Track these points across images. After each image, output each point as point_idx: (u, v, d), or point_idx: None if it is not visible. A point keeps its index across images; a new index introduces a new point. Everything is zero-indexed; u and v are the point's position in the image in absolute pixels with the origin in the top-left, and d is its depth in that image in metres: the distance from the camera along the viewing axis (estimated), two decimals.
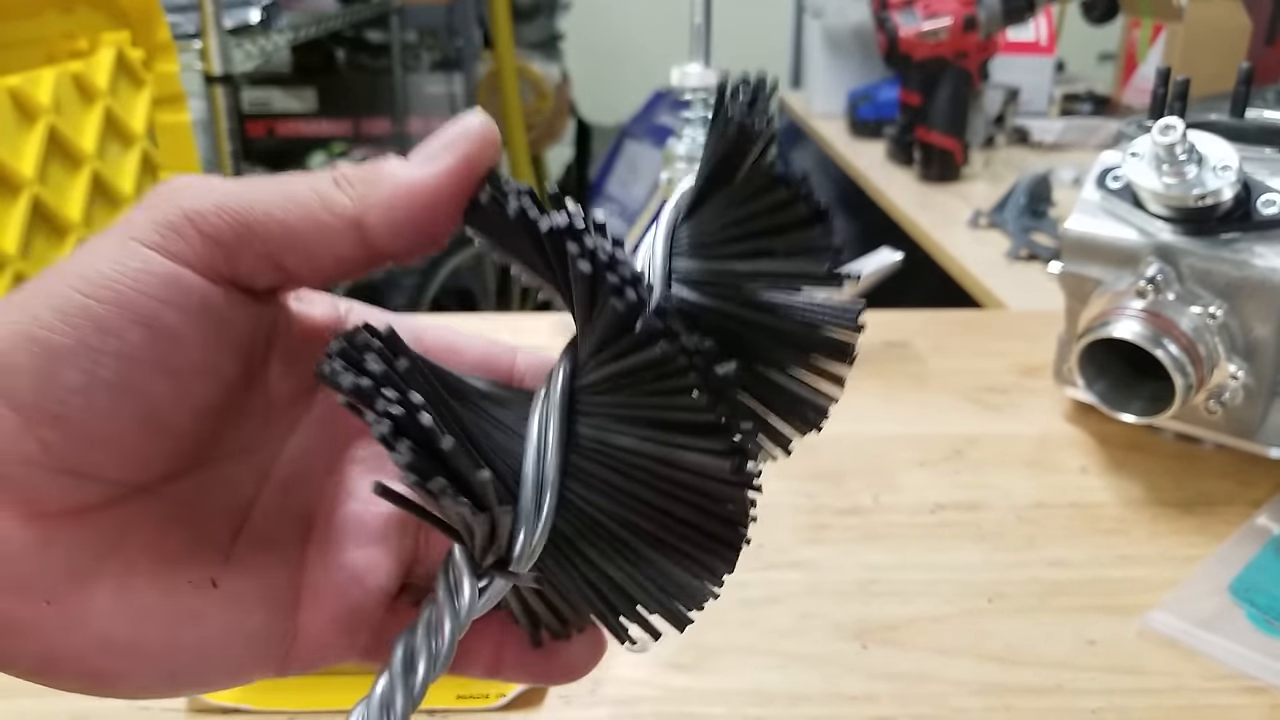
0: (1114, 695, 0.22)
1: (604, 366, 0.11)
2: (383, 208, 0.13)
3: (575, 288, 0.11)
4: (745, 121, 0.12)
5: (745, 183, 0.12)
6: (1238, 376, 0.29)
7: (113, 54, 0.55)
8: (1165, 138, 0.27)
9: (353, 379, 0.11)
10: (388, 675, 0.11)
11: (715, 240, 0.12)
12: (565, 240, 0.11)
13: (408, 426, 0.10)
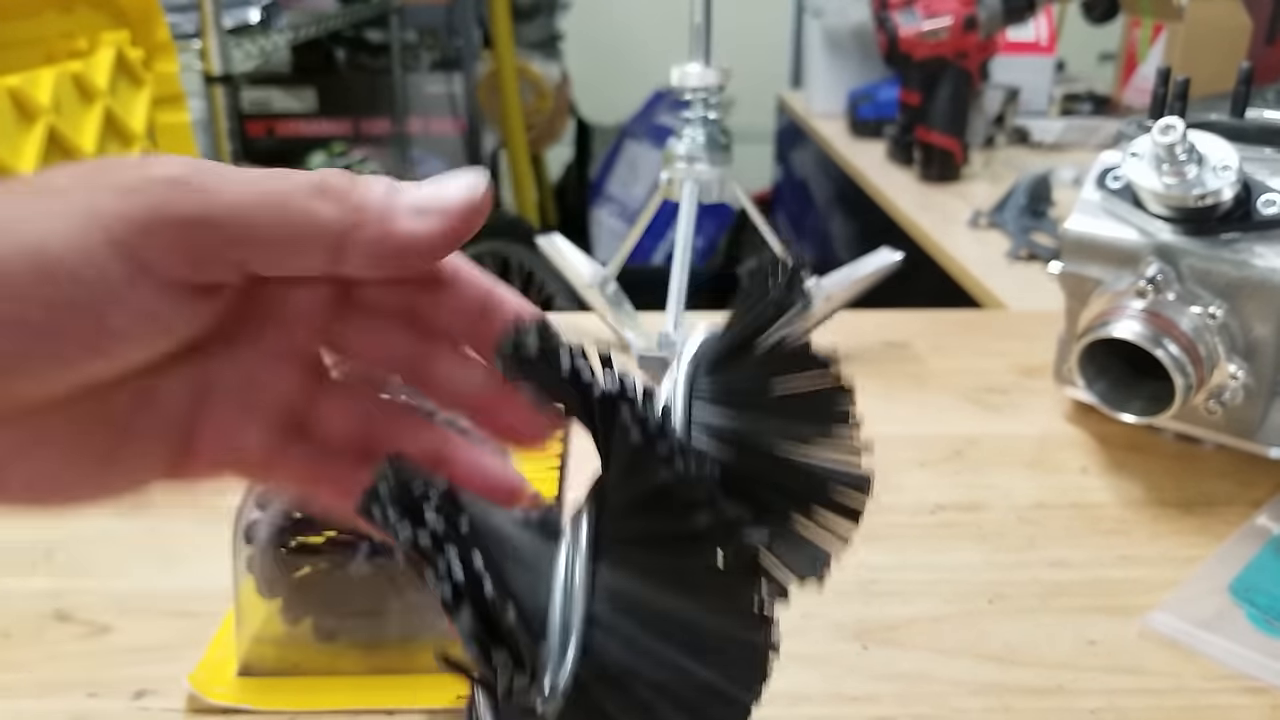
0: (1114, 695, 0.22)
1: (637, 521, 0.12)
2: (366, 246, 0.13)
3: (619, 447, 0.12)
4: (784, 301, 0.13)
5: (775, 351, 0.13)
6: (1238, 376, 0.29)
7: (112, 54, 0.55)
8: (1165, 138, 0.27)
9: (412, 533, 0.11)
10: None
11: (743, 399, 0.13)
12: (619, 406, 0.12)
13: (470, 592, 0.11)
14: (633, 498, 0.12)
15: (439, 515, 0.11)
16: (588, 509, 0.13)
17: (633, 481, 0.12)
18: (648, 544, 0.12)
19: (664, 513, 0.11)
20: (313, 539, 0.21)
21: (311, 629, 0.22)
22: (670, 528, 0.12)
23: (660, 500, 0.11)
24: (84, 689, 0.22)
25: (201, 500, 0.32)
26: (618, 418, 0.12)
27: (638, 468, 0.12)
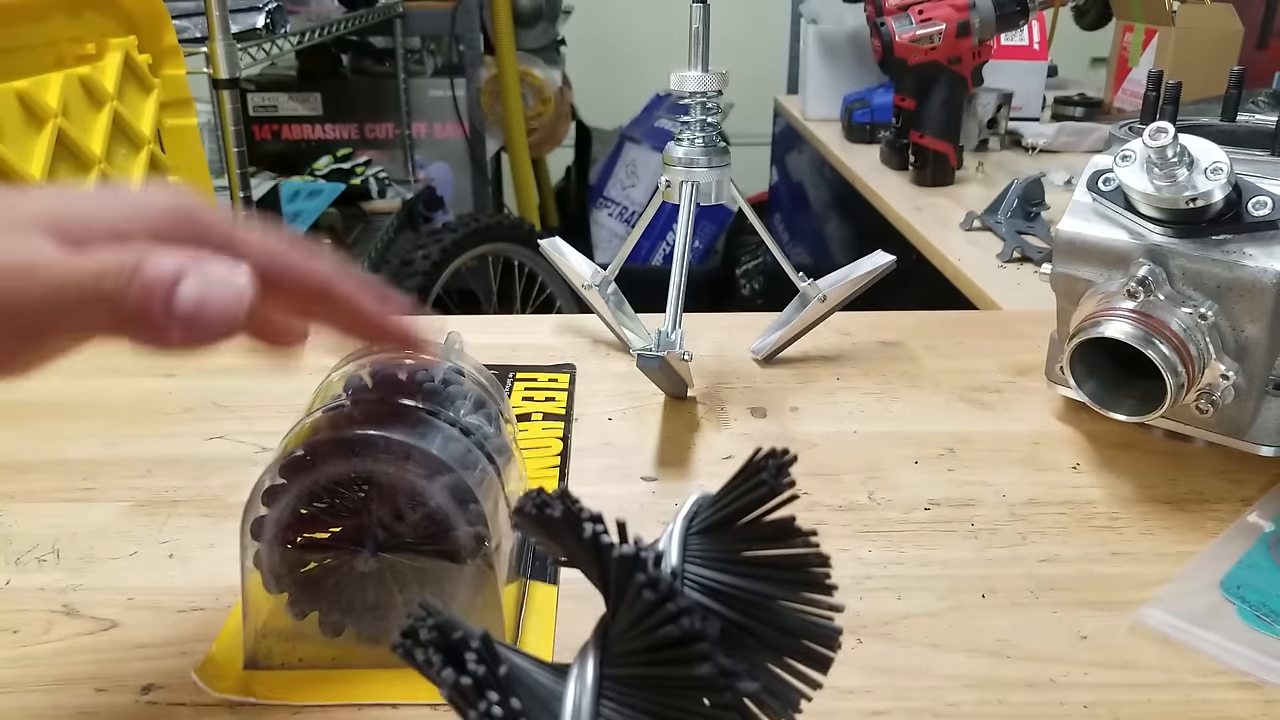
0: (1107, 690, 0.22)
1: (641, 666, 0.14)
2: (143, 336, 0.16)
3: (631, 602, 0.14)
4: (776, 485, 0.15)
5: (764, 527, 0.15)
6: (1228, 376, 0.30)
7: (120, 58, 0.55)
8: (1157, 141, 0.28)
9: (455, 677, 0.13)
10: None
11: (734, 560, 0.15)
12: (634, 568, 0.13)
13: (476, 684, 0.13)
14: (640, 646, 0.14)
15: (479, 661, 0.13)
16: (593, 652, 0.14)
17: (642, 632, 0.13)
18: (649, 686, 0.14)
19: (668, 661, 0.13)
20: (318, 535, 0.21)
21: (317, 623, 0.22)
22: (673, 673, 0.13)
23: (666, 650, 0.13)
24: (92, 684, 0.22)
25: (209, 497, 0.32)
26: (633, 578, 0.13)
27: (647, 621, 0.13)
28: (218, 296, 0.16)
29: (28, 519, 0.29)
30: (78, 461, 0.32)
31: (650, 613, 0.13)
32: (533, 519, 0.15)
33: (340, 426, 0.21)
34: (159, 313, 0.15)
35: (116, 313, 0.15)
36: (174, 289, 0.15)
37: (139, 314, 0.15)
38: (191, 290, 0.16)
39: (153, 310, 0.15)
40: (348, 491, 0.21)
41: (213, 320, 0.16)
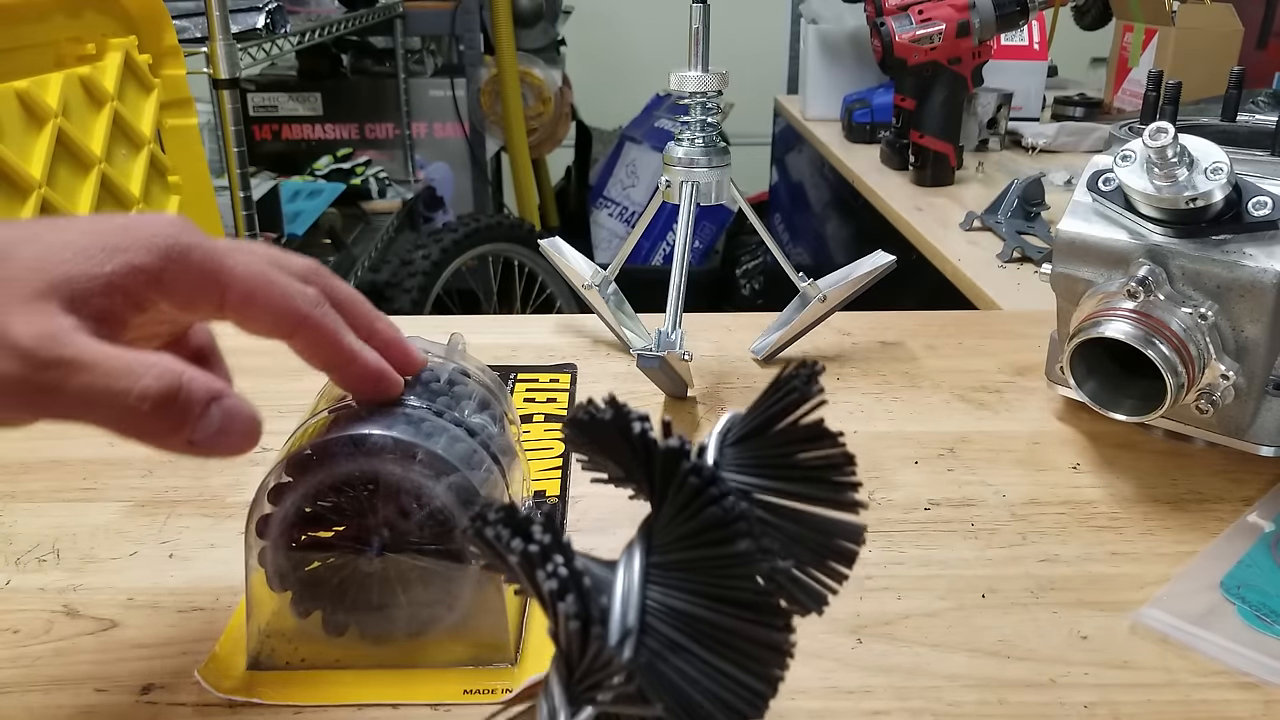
0: (1107, 690, 0.22)
1: (684, 550, 0.15)
2: None
3: (677, 490, 0.15)
4: (806, 391, 0.16)
5: (795, 430, 0.16)
6: (1228, 376, 0.30)
7: (120, 58, 0.55)
8: (1157, 141, 0.28)
9: (524, 545, 0.14)
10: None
11: (767, 465, 0.16)
12: (679, 459, 0.15)
13: (574, 584, 0.14)
14: (684, 532, 0.15)
15: (545, 531, 0.14)
16: (640, 544, 0.15)
17: (686, 518, 0.15)
18: (692, 569, 0.15)
19: (710, 543, 0.14)
20: (323, 534, 0.21)
21: (321, 623, 0.22)
22: (714, 553, 0.14)
23: (708, 533, 0.14)
24: (92, 684, 0.22)
25: (209, 497, 0.32)
26: (678, 467, 0.14)
27: (691, 507, 0.14)
28: (236, 430, 0.18)
29: (28, 519, 0.29)
30: (78, 461, 0.32)
31: (694, 498, 0.14)
32: (584, 425, 0.16)
33: (346, 426, 0.21)
34: (177, 437, 0.17)
35: (137, 423, 0.17)
36: (201, 419, 0.17)
37: (157, 432, 0.17)
38: (214, 423, 0.17)
39: (172, 435, 0.17)
40: (353, 491, 0.21)
41: (224, 449, 0.18)
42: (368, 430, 0.21)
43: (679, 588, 0.15)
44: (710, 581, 0.15)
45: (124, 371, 0.17)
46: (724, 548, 0.14)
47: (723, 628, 0.15)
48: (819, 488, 0.16)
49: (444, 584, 0.22)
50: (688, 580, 0.15)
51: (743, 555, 0.14)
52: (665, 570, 0.15)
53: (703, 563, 0.15)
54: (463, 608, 0.22)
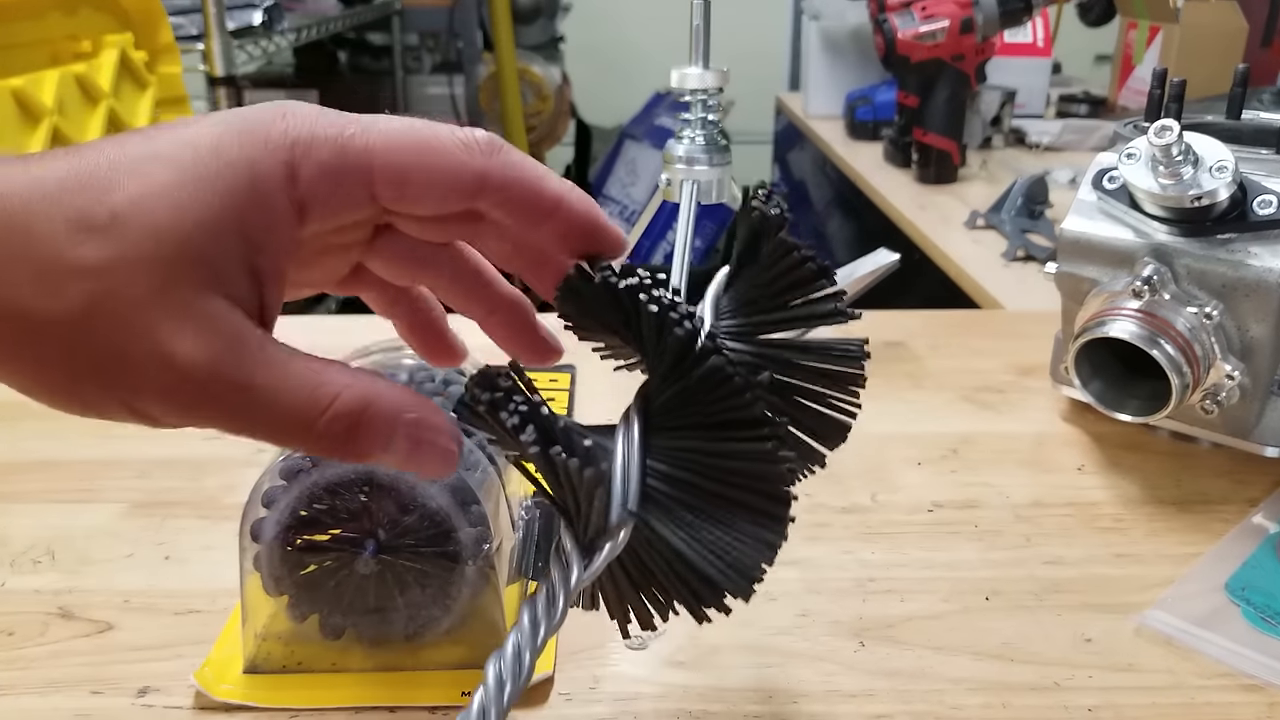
0: (1111, 693, 0.22)
1: (670, 387, 0.15)
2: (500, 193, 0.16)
3: (645, 328, 0.15)
4: (766, 211, 0.16)
5: (768, 255, 0.16)
6: (1234, 376, 0.29)
7: (116, 56, 0.55)
8: (1161, 139, 0.27)
9: (489, 394, 0.14)
10: (517, 634, 0.15)
11: (748, 302, 0.16)
12: (638, 293, 0.14)
13: (533, 419, 0.14)
14: (663, 368, 0.15)
15: (508, 378, 0.15)
16: (636, 411, 0.15)
17: (661, 355, 0.15)
18: (680, 401, 0.15)
19: (685, 366, 0.14)
20: (319, 536, 0.21)
21: (317, 626, 0.22)
22: (691, 378, 0.14)
23: (679, 356, 0.14)
24: (88, 686, 0.22)
25: (205, 499, 0.32)
26: (666, 321, 0.14)
27: (660, 339, 0.14)
28: (425, 457, 0.15)
29: (23, 520, 0.29)
30: (73, 462, 0.32)
31: (661, 327, 0.14)
32: (576, 292, 0.16)
33: None
34: (359, 459, 0.15)
35: (314, 446, 0.14)
36: (386, 450, 0.15)
37: (334, 454, 0.15)
38: (400, 450, 0.15)
39: (352, 458, 0.15)
40: (348, 493, 0.21)
41: (417, 470, 0.15)
42: None
43: (679, 448, 0.15)
44: (712, 431, 0.14)
45: (308, 399, 0.14)
46: (696, 369, 0.14)
47: (725, 484, 0.15)
48: (802, 308, 0.16)
49: (441, 586, 0.22)
50: (691, 432, 0.15)
51: (716, 371, 0.14)
52: (664, 432, 0.15)
53: (687, 393, 0.14)
54: (460, 610, 0.22)
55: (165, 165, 0.13)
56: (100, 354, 0.13)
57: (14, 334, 0.13)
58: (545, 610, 0.15)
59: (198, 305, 0.13)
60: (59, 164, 0.13)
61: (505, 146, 0.16)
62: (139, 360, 0.13)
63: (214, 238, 0.13)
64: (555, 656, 0.23)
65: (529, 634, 0.15)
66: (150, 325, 0.13)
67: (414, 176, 0.15)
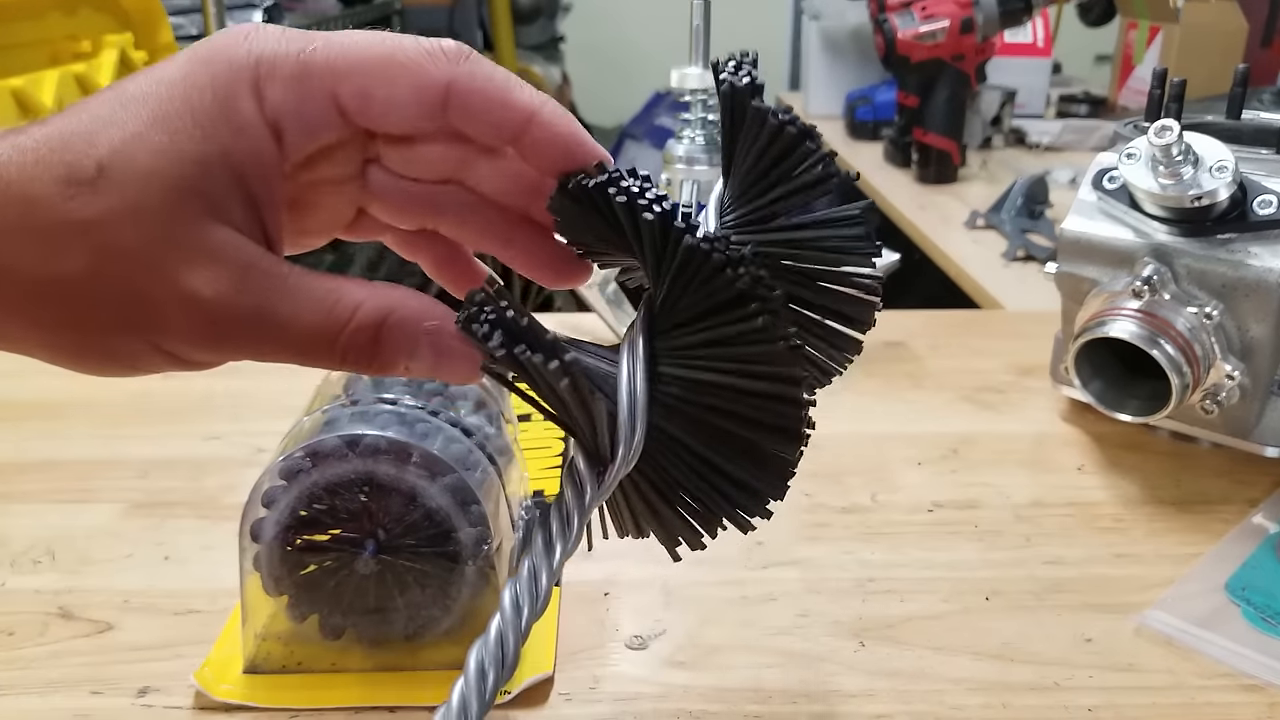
0: (1111, 693, 0.22)
1: (664, 284, 0.14)
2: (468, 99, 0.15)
3: (626, 226, 0.14)
4: (735, 82, 0.15)
5: (747, 131, 0.15)
6: (1234, 376, 0.29)
7: (115, 55, 0.55)
8: (1161, 139, 0.27)
9: (465, 311, 0.14)
10: (530, 559, 0.14)
11: (743, 190, 0.15)
12: (607, 188, 0.14)
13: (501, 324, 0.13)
14: (672, 280, 0.14)
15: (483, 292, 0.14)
16: (641, 311, 0.15)
17: (665, 264, 0.13)
18: (691, 317, 0.14)
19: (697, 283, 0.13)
20: (318, 536, 0.21)
21: (317, 626, 0.22)
22: (704, 293, 0.13)
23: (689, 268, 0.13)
24: (88, 686, 0.22)
25: (205, 499, 0.32)
26: (670, 235, 0.13)
27: (698, 277, 0.13)
28: (447, 367, 0.15)
29: (23, 520, 0.29)
30: (73, 462, 0.32)
31: (698, 269, 0.13)
32: (568, 202, 0.15)
33: (341, 427, 0.21)
34: (384, 370, 0.15)
35: (338, 361, 0.14)
36: (412, 358, 0.14)
37: (360, 367, 0.14)
38: (425, 359, 0.14)
39: (378, 370, 0.14)
40: (348, 493, 0.21)
41: (442, 378, 0.15)
42: (362, 431, 0.21)
43: (682, 345, 0.14)
44: (707, 329, 0.14)
45: (329, 315, 0.14)
46: (707, 284, 0.13)
47: (730, 374, 0.14)
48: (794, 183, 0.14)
49: (441, 586, 0.22)
50: (688, 335, 0.14)
51: (724, 284, 0.13)
52: (669, 333, 0.14)
53: (697, 310, 0.14)
54: (459, 610, 0.22)
55: (140, 107, 0.13)
56: (119, 304, 0.13)
57: (30, 301, 0.13)
58: (560, 530, 0.14)
59: (203, 239, 0.13)
60: (39, 129, 0.13)
61: (473, 55, 0.15)
62: (157, 302, 0.13)
63: (202, 170, 0.13)
64: (555, 656, 0.23)
65: (544, 555, 0.14)
66: (162, 266, 0.13)
67: (379, 85, 0.15)
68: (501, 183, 0.17)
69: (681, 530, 0.15)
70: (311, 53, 0.14)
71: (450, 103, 0.15)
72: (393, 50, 0.15)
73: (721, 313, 0.13)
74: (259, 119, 0.14)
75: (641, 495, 0.15)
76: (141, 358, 0.14)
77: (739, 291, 0.13)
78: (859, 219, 0.15)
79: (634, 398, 0.14)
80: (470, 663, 0.13)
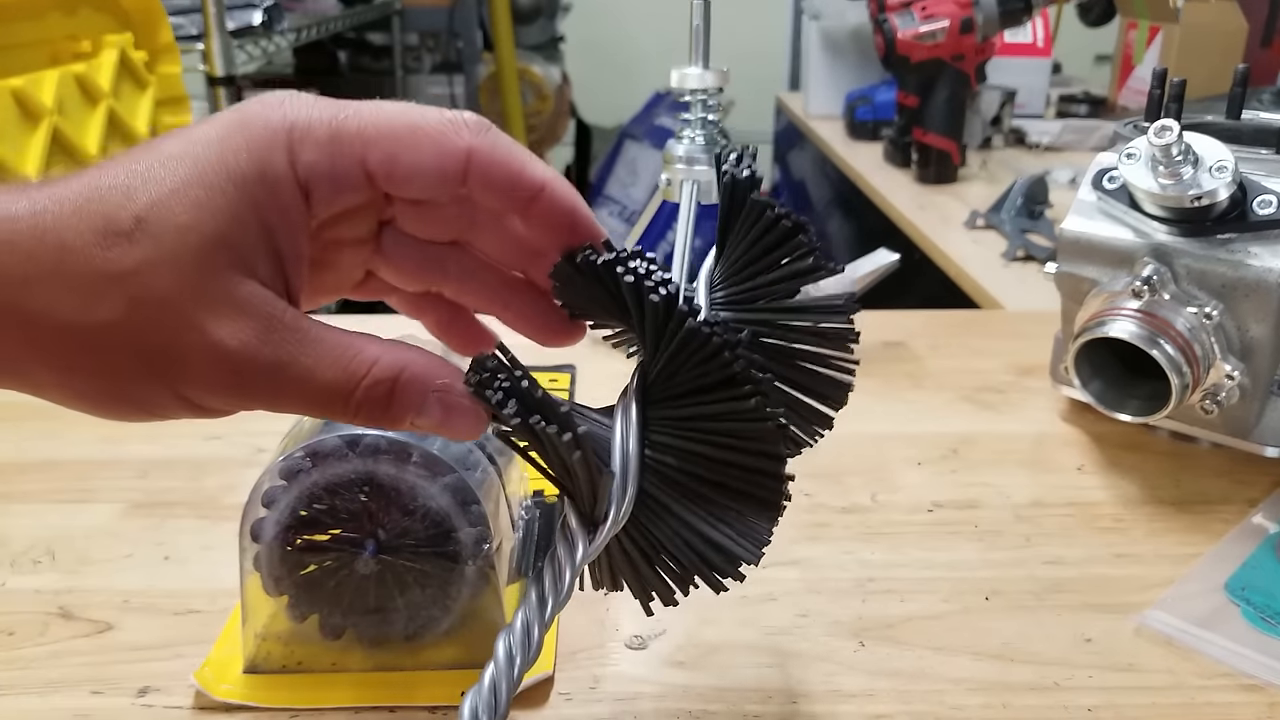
0: (1111, 693, 0.22)
1: (661, 357, 0.15)
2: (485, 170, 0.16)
3: (629, 301, 0.15)
4: (736, 174, 0.16)
5: (744, 220, 0.16)
6: (1234, 376, 0.29)
7: (115, 56, 0.55)
8: (1161, 139, 0.27)
9: (476, 375, 0.15)
10: (524, 612, 0.15)
11: (735, 271, 0.16)
12: (615, 267, 0.15)
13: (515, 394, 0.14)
14: (670, 355, 0.15)
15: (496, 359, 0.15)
16: (634, 375, 0.16)
17: (667, 337, 0.15)
18: (685, 391, 0.15)
19: (694, 361, 0.14)
20: (319, 536, 0.21)
21: (317, 626, 0.22)
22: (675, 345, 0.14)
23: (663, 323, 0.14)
24: (88, 686, 0.22)
25: (205, 499, 0.32)
26: (673, 317, 0.14)
27: (669, 325, 0.14)
28: (455, 424, 0.15)
29: (23, 520, 0.29)
30: (73, 462, 0.32)
31: (640, 298, 0.14)
32: (571, 276, 0.16)
33: (341, 427, 0.21)
34: (393, 425, 0.15)
35: (350, 415, 0.15)
36: (420, 415, 0.15)
37: (370, 422, 0.15)
38: (433, 417, 0.15)
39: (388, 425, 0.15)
40: (348, 492, 0.21)
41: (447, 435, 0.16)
42: (362, 431, 0.21)
43: (674, 416, 0.15)
44: (700, 403, 0.15)
45: (345, 370, 0.14)
46: (705, 364, 0.14)
47: (719, 446, 0.15)
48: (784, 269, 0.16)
49: (441, 586, 0.22)
50: (681, 407, 0.15)
51: (694, 333, 0.14)
52: (661, 403, 0.15)
53: (675, 361, 0.15)
54: (459, 610, 0.22)
55: (178, 165, 0.14)
56: (147, 352, 0.14)
57: (61, 347, 0.14)
58: (552, 586, 0.15)
59: (231, 291, 0.14)
60: (77, 181, 0.14)
61: (493, 128, 0.16)
62: (184, 351, 0.14)
63: (235, 225, 0.14)
64: (555, 656, 0.23)
65: (536, 609, 0.15)
66: (190, 316, 0.14)
67: (405, 152, 0.15)
68: (504, 247, 0.18)
69: (657, 587, 0.16)
70: (344, 120, 0.15)
71: (470, 171, 0.16)
72: (419, 118, 0.16)
73: (715, 390, 0.15)
74: (291, 178, 0.15)
75: (625, 554, 0.16)
76: (164, 406, 0.14)
77: (734, 373, 0.14)
78: (844, 308, 0.16)
79: (627, 463, 0.15)
80: (464, 712, 0.14)
